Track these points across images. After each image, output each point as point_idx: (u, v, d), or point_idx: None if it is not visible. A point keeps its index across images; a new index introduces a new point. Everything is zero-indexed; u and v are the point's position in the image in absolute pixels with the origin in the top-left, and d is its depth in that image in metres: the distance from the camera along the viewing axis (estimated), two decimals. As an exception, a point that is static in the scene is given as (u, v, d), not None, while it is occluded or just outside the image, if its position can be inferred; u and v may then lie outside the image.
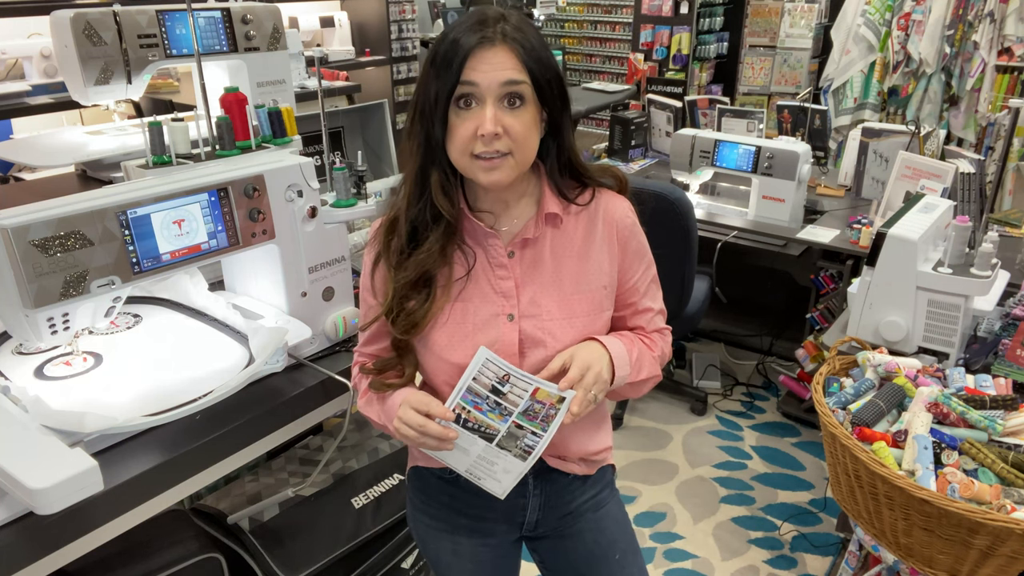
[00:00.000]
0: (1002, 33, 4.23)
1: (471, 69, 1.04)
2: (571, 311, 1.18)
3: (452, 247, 1.16)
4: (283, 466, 1.86)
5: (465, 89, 1.05)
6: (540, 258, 1.18)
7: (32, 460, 1.05)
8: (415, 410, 1.10)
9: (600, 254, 1.20)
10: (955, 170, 2.37)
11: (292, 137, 1.65)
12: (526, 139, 1.08)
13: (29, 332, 1.13)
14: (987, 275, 1.66)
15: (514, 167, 1.09)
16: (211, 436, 1.23)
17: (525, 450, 1.11)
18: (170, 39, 2.04)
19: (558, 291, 1.18)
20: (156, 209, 1.21)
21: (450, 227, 1.14)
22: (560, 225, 1.19)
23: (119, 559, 1.43)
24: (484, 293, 1.17)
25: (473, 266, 1.17)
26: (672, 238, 2.60)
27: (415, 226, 1.15)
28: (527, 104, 1.07)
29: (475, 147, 1.07)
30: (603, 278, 1.20)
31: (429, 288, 1.15)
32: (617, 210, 1.22)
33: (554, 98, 1.10)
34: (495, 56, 1.04)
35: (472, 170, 1.10)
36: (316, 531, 1.69)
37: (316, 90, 1.65)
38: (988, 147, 4.26)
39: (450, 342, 1.15)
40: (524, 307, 1.17)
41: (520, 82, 1.05)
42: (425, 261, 1.13)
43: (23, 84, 3.01)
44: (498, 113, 1.05)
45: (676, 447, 2.94)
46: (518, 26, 1.07)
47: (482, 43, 1.04)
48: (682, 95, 4.79)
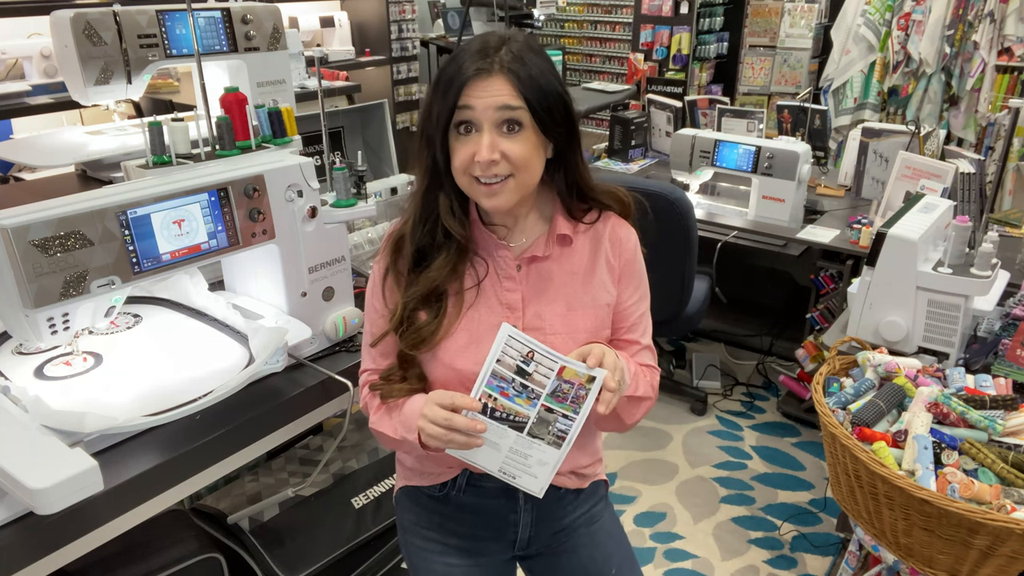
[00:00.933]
0: (1002, 33, 4.23)
1: (467, 96, 1.05)
2: (574, 327, 1.18)
3: (463, 265, 1.17)
4: (283, 466, 1.87)
5: (462, 115, 1.07)
6: (547, 274, 1.19)
7: (32, 460, 1.05)
8: (439, 405, 1.06)
9: (604, 273, 1.21)
10: (955, 170, 2.37)
11: (292, 137, 1.65)
12: (527, 162, 1.09)
13: (29, 332, 1.13)
14: (987, 275, 1.66)
15: (515, 190, 1.10)
16: (211, 436, 1.23)
17: (559, 436, 1.07)
18: (170, 39, 2.04)
19: (563, 307, 1.18)
20: (156, 209, 1.21)
21: (461, 246, 1.15)
22: (569, 244, 1.20)
23: (119, 559, 1.43)
24: (490, 304, 1.17)
25: (484, 278, 1.17)
26: (672, 238, 2.60)
27: (421, 248, 1.15)
28: (525, 129, 1.08)
29: (474, 170, 1.08)
30: (606, 296, 1.21)
31: (440, 302, 1.16)
32: (622, 234, 1.23)
33: (556, 125, 1.10)
34: (491, 85, 1.05)
35: (474, 193, 1.11)
36: (316, 531, 1.69)
37: (316, 90, 1.65)
38: (988, 147, 4.26)
39: (455, 349, 1.15)
40: (528, 320, 1.17)
41: (515, 108, 1.06)
42: (436, 278, 1.14)
43: (23, 84, 3.01)
44: (496, 139, 1.06)
45: (676, 447, 2.94)
46: (518, 55, 1.07)
47: (479, 73, 1.05)
48: (682, 95, 4.78)
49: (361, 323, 1.53)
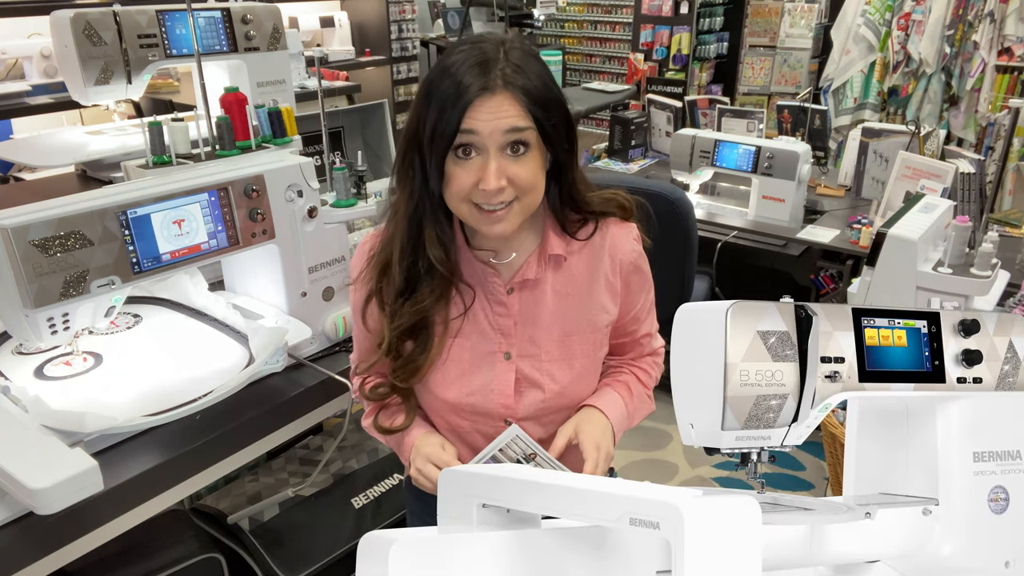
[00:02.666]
0: (1002, 33, 4.23)
1: (471, 118, 0.96)
2: (570, 352, 1.14)
3: (448, 293, 1.10)
4: (283, 466, 1.87)
5: (465, 139, 0.97)
6: (541, 298, 1.13)
7: (32, 460, 1.05)
8: (433, 463, 1.08)
9: (602, 293, 1.15)
10: (955, 170, 2.37)
11: (292, 137, 1.65)
12: (533, 185, 1.02)
13: (29, 332, 1.13)
14: (987, 275, 1.66)
15: (520, 213, 1.03)
16: (211, 436, 1.23)
17: None
18: (170, 39, 2.04)
19: (558, 331, 1.13)
20: (156, 209, 1.21)
21: (445, 277, 1.08)
22: (563, 264, 1.13)
23: (119, 559, 1.43)
24: (482, 330, 1.13)
25: (471, 305, 1.12)
26: (672, 238, 2.60)
27: (408, 277, 1.08)
28: (532, 149, 1.00)
29: (475, 196, 1.00)
30: (605, 317, 1.16)
31: (427, 331, 1.10)
32: (623, 244, 1.16)
33: (560, 139, 1.03)
34: (498, 105, 0.96)
35: (474, 221, 1.04)
36: (316, 531, 1.69)
37: (316, 90, 1.65)
38: (988, 147, 4.26)
39: (445, 380, 1.13)
40: (522, 346, 1.12)
41: (524, 128, 0.98)
42: (421, 310, 1.08)
43: (23, 84, 3.01)
44: (502, 164, 0.98)
45: (676, 447, 2.94)
46: (520, 65, 0.98)
47: (482, 93, 0.96)
48: (682, 95, 4.78)
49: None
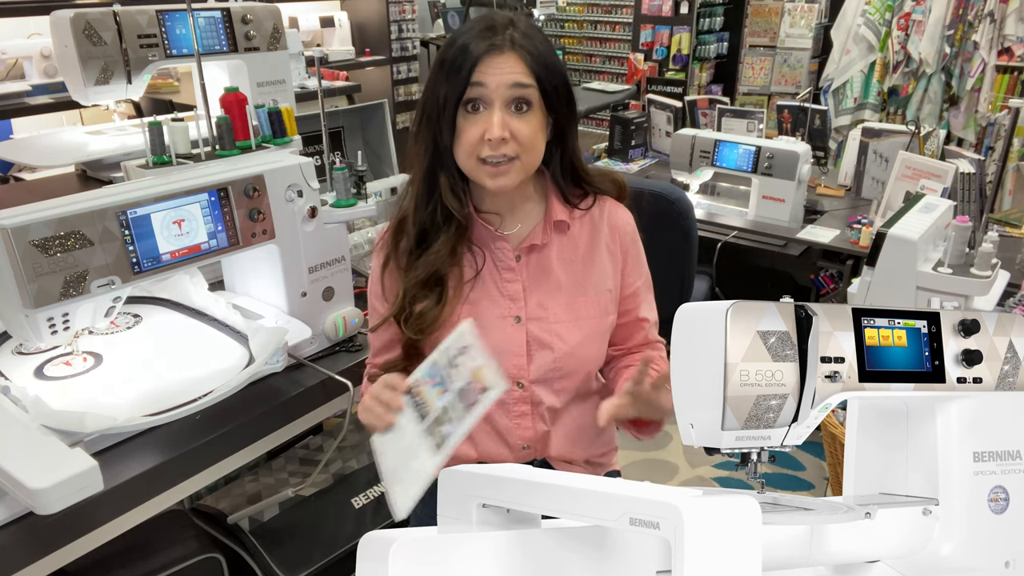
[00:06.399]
0: (1002, 33, 4.23)
1: (480, 72, 1.06)
2: (577, 314, 1.19)
3: (462, 248, 1.17)
4: (283, 466, 1.87)
5: (474, 92, 1.06)
6: (547, 263, 1.19)
7: (32, 460, 1.05)
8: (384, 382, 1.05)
9: (604, 259, 1.21)
10: (955, 170, 2.36)
11: (292, 137, 1.65)
12: (533, 143, 1.10)
13: (29, 332, 1.13)
14: (987, 275, 1.66)
15: (520, 171, 1.11)
16: (211, 436, 1.23)
17: (440, 441, 0.99)
18: (170, 39, 2.04)
19: (565, 294, 1.19)
20: (156, 209, 1.21)
21: (460, 227, 1.15)
22: (567, 231, 1.20)
23: (119, 559, 1.43)
24: (491, 296, 1.18)
25: (482, 268, 1.18)
26: (672, 238, 2.60)
27: (424, 228, 1.16)
28: (534, 109, 1.09)
29: (482, 151, 1.08)
30: (607, 282, 1.21)
31: (441, 288, 1.16)
32: (620, 218, 1.24)
33: (561, 104, 1.12)
34: (504, 62, 1.06)
35: (478, 174, 1.11)
36: (316, 531, 1.69)
37: (316, 90, 1.65)
38: (988, 147, 4.25)
39: None
40: (531, 310, 1.17)
41: (528, 86, 1.07)
42: (435, 261, 1.14)
43: (23, 84, 3.00)
44: (505, 117, 1.07)
45: (676, 447, 2.94)
46: (527, 32, 1.09)
47: (491, 50, 1.06)
48: (682, 95, 4.78)
49: (361, 323, 1.54)
